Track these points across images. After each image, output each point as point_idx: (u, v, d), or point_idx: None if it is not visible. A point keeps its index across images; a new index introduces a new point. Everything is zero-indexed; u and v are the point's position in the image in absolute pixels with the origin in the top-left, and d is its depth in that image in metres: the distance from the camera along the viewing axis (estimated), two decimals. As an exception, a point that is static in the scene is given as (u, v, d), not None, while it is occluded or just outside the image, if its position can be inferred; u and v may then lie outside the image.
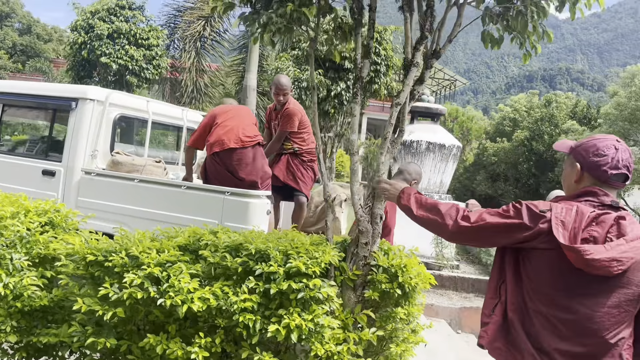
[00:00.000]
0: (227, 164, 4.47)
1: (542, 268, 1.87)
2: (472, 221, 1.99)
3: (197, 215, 4.26)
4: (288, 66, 9.89)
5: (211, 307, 2.39)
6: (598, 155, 1.95)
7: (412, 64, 2.64)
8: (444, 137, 11.03)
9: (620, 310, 1.81)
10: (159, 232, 2.85)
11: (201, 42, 13.53)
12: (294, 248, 2.50)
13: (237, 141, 4.45)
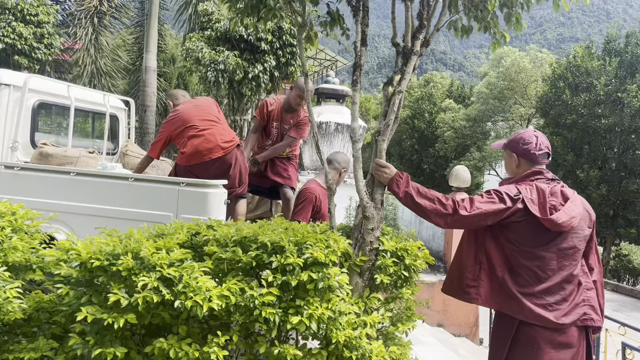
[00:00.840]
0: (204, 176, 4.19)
1: (521, 234, 2.49)
2: (469, 210, 2.47)
3: (148, 209, 4.02)
4: (201, 47, 9.47)
5: (229, 305, 2.31)
6: (526, 144, 2.67)
7: (412, 52, 2.70)
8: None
9: (574, 250, 2.51)
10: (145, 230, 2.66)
11: (98, 17, 12.41)
12: (305, 238, 2.48)
13: (217, 150, 4.19)
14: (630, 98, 16.47)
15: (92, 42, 12.39)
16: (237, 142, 4.34)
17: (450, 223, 2.49)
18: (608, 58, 17.62)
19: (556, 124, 18.84)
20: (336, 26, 3.16)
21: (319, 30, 3.25)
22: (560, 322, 2.43)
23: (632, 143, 17.07)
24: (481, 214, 2.45)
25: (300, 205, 4.16)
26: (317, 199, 4.18)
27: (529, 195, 2.51)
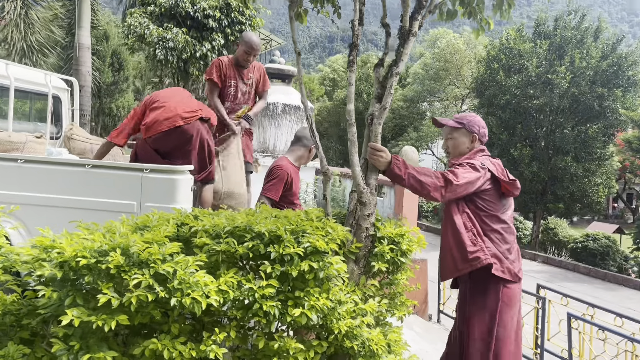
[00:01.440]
0: (161, 149, 3.96)
1: (489, 200, 2.90)
2: (458, 180, 2.75)
3: (109, 198, 3.74)
4: (146, 24, 8.92)
5: (227, 300, 2.17)
6: (483, 127, 3.12)
7: (411, 33, 2.62)
8: (297, 98, 11.18)
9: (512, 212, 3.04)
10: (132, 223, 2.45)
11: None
12: (302, 226, 2.37)
13: (176, 119, 3.88)
14: (559, 79, 17.29)
15: (21, 16, 11.37)
16: (201, 115, 4.02)
17: (445, 195, 2.74)
18: (539, 41, 18.38)
19: (490, 104, 19.52)
20: (328, 3, 3.01)
21: (309, 8, 3.09)
22: (520, 275, 2.91)
23: (560, 122, 17.99)
24: (468, 182, 2.78)
25: (272, 182, 4.01)
26: (289, 177, 4.07)
27: (492, 166, 2.93)
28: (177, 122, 3.89)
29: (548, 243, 19.11)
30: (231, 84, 4.64)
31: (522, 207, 19.73)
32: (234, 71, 4.62)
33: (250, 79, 4.66)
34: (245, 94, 4.68)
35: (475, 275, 2.86)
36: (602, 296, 12.28)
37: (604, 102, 17.36)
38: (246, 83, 4.65)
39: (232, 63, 4.64)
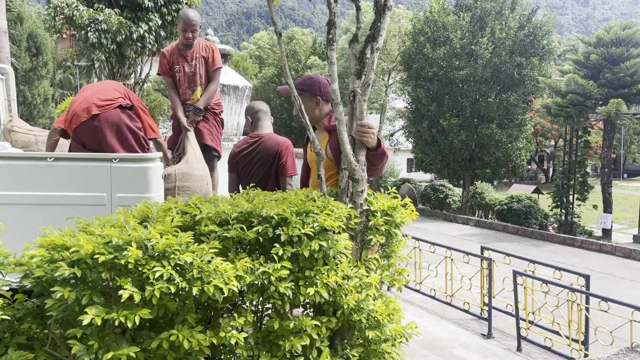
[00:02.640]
0: (85, 141, 3.84)
1: None
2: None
3: (75, 191, 3.58)
4: (75, 5, 8.34)
5: (243, 284, 2.19)
6: (325, 87, 3.10)
7: (386, 7, 2.67)
8: (235, 78, 11.02)
9: None
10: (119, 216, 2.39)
11: None
12: (307, 207, 2.41)
13: (92, 109, 3.80)
14: (482, 50, 18.05)
15: None
16: (120, 103, 3.91)
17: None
18: (461, 13, 19.03)
19: (418, 77, 20.09)
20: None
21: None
22: None
23: (484, 92, 18.85)
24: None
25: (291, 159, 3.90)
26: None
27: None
28: (93, 111, 3.82)
29: (476, 207, 20.19)
30: (177, 69, 4.50)
31: (452, 174, 20.64)
32: (178, 55, 4.47)
33: (196, 58, 4.47)
34: (192, 75, 4.51)
35: None
36: (531, 253, 13.19)
37: (522, 71, 18.35)
38: (191, 64, 4.48)
39: (177, 47, 4.51)
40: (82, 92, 3.98)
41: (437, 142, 19.82)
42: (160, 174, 3.84)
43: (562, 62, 36.01)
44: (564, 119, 16.12)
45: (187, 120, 4.37)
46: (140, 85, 9.96)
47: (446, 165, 20.32)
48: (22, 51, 16.13)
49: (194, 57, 4.48)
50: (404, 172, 39.67)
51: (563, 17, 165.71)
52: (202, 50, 4.51)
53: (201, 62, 4.52)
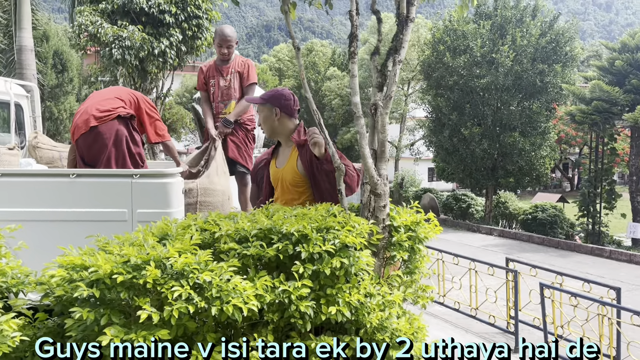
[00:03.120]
0: (84, 154, 3.86)
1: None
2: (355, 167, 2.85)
3: (97, 207, 3.60)
4: (100, 23, 8.50)
5: (263, 303, 2.15)
6: (287, 100, 3.08)
7: (409, 19, 2.63)
8: (255, 91, 10.96)
9: None
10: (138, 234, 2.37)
11: None
12: (328, 223, 2.37)
13: (91, 121, 3.79)
14: (503, 58, 17.86)
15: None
16: (120, 113, 3.86)
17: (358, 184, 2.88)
18: (481, 21, 18.88)
19: (438, 86, 19.95)
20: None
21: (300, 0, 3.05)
22: None
23: (506, 100, 18.61)
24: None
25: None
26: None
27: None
28: (91, 123, 3.81)
29: (500, 217, 19.86)
30: (212, 83, 4.55)
31: (475, 184, 20.37)
32: (215, 70, 4.54)
33: (231, 73, 4.52)
34: (226, 90, 4.54)
35: None
36: (558, 263, 12.90)
37: (545, 78, 18.09)
38: (226, 78, 4.52)
39: (215, 62, 4.58)
40: (85, 102, 4.00)
41: (459, 151, 19.61)
42: (181, 189, 3.84)
43: (586, 68, 35.48)
44: (589, 126, 15.79)
45: (216, 131, 4.39)
46: (162, 99, 10.07)
47: (468, 175, 20.07)
48: (48, 68, 16.51)
49: (230, 72, 4.55)
50: (425, 181, 39.38)
51: (585, 22, 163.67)
52: (238, 65, 4.59)
53: (236, 77, 4.58)
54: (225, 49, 4.42)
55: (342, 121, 31.28)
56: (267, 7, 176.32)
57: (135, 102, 4.04)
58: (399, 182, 22.89)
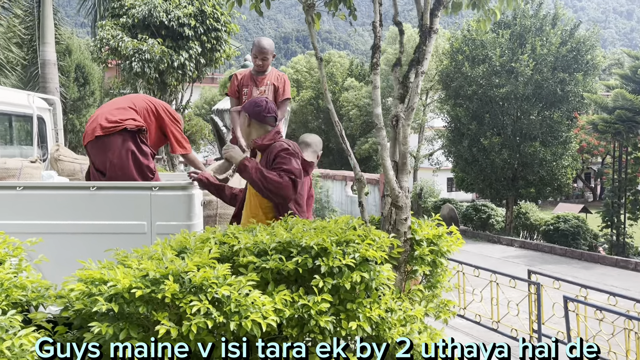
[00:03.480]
0: (94, 160, 3.91)
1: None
2: (298, 174, 2.90)
3: (116, 219, 3.61)
4: (120, 36, 8.65)
5: (282, 318, 2.12)
6: (257, 106, 3.14)
7: (432, 30, 2.60)
8: (273, 102, 11.05)
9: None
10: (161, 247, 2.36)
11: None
12: (347, 236, 2.33)
13: (97, 129, 3.79)
14: (522, 67, 17.68)
15: (-21, 36, 10.88)
16: (127, 125, 3.82)
17: (294, 194, 2.94)
18: (500, 31, 18.75)
19: (457, 96, 19.81)
20: (344, 5, 2.97)
21: (324, 11, 3.05)
22: None
23: (526, 109, 18.41)
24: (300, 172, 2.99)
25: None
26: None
27: (295, 148, 3.08)
28: (96, 133, 3.82)
29: (521, 227, 19.56)
30: (245, 91, 4.55)
31: (495, 194, 20.13)
32: (249, 79, 4.56)
33: (266, 85, 4.54)
34: None
35: None
36: (581, 275, 12.63)
37: (566, 87, 17.85)
38: (260, 89, 4.53)
39: (250, 72, 4.61)
40: (99, 109, 4.05)
41: (478, 161, 19.40)
42: (200, 202, 3.84)
43: (607, 76, 34.97)
44: (612, 135, 15.51)
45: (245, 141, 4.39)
46: (182, 111, 10.17)
47: (488, 185, 19.83)
48: (70, 81, 16.83)
49: (264, 84, 4.58)
50: (445, 191, 39.04)
51: (606, 30, 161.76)
52: (274, 78, 4.62)
53: (270, 90, 4.61)
54: (260, 60, 4.46)
55: (360, 132, 31.24)
56: (285, 19, 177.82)
57: (153, 110, 4.03)
58: (418, 192, 22.71)
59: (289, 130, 34.95)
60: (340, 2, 3.01)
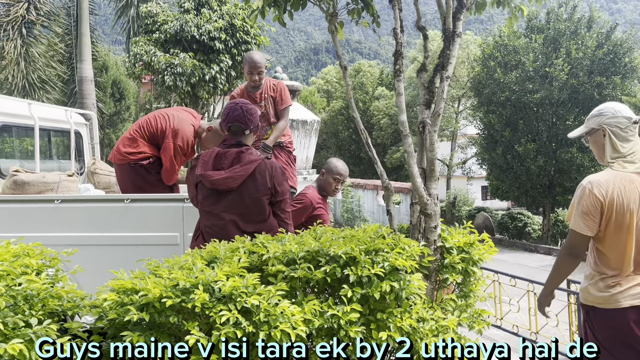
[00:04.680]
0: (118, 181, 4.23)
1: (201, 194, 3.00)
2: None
3: (150, 231, 3.68)
4: (153, 52, 8.89)
5: (312, 328, 2.10)
6: (223, 115, 3.08)
7: (455, 34, 2.58)
8: (304, 113, 11.20)
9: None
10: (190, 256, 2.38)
11: (27, 28, 11.32)
12: (377, 245, 2.31)
13: (113, 154, 4.02)
14: (557, 72, 17.32)
15: (22, 55, 11.33)
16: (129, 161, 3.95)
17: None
18: (533, 35, 18.44)
19: (490, 102, 19.53)
20: (367, 13, 2.98)
21: (346, 19, 3.06)
22: None
23: (561, 115, 18.00)
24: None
25: (296, 207, 3.76)
26: (312, 206, 3.87)
27: (204, 157, 3.02)
28: (111, 157, 4.02)
29: (559, 236, 19.06)
30: None
31: (531, 202, 19.68)
32: (247, 98, 4.44)
33: (265, 99, 4.47)
34: (261, 117, 4.47)
35: None
36: (624, 285, 12.16)
37: (603, 91, 17.39)
38: (261, 105, 4.46)
39: (245, 90, 4.51)
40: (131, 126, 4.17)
41: (513, 169, 19.03)
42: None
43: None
44: (653, 139, 15.00)
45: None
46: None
47: (524, 193, 19.41)
48: (107, 97, 17.33)
49: (263, 98, 4.50)
50: (479, 200, 38.39)
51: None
52: (270, 90, 4.52)
53: (270, 102, 4.53)
54: (256, 76, 4.32)
55: (390, 140, 31.10)
56: (315, 31, 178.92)
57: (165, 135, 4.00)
58: (451, 201, 22.41)
59: (320, 140, 35.10)
60: (363, 10, 3.00)
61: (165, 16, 9.43)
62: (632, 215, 2.29)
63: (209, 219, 2.96)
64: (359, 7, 2.98)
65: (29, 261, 2.17)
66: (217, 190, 2.91)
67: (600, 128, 2.41)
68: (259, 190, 2.93)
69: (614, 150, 2.35)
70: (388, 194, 2.53)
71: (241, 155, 2.95)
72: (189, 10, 9.21)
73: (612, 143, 2.34)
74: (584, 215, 2.30)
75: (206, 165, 2.96)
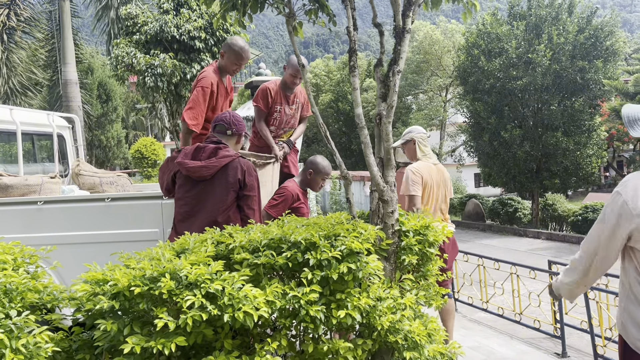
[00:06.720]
0: None
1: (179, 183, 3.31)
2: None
3: (131, 228, 3.83)
4: (134, 53, 8.99)
5: (274, 309, 2.26)
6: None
7: (405, 30, 2.73)
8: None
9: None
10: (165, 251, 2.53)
11: (8, 34, 11.37)
12: (335, 230, 2.46)
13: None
14: (540, 58, 17.50)
15: (2, 61, 11.37)
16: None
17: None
18: (515, 22, 18.60)
19: (475, 90, 19.70)
20: (322, 12, 3.12)
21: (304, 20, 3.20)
22: None
23: (546, 100, 18.19)
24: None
25: (278, 201, 4.06)
26: (293, 199, 4.07)
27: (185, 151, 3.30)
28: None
29: (548, 219, 19.31)
30: (277, 108, 4.58)
31: (519, 187, 19.91)
32: (282, 96, 4.57)
33: (296, 103, 4.65)
34: (290, 118, 4.66)
35: None
36: (610, 265, 12.39)
37: (586, 75, 17.59)
38: (292, 107, 4.64)
39: (280, 88, 4.58)
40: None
41: (500, 155, 19.25)
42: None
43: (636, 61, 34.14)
44: (636, 121, 15.20)
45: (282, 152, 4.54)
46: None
47: (512, 178, 19.64)
48: (94, 99, 17.39)
49: (294, 102, 4.66)
50: (472, 187, 38.66)
51: (632, 14, 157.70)
52: (301, 96, 4.71)
53: (299, 107, 4.72)
54: (298, 80, 4.51)
55: (381, 132, 31.27)
56: (305, 24, 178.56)
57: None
58: (442, 189, 22.60)
59: (311, 133, 35.27)
60: (319, 11, 3.14)
61: (145, 17, 9.52)
62: None
63: (181, 205, 3.22)
64: (315, 8, 3.12)
65: (6, 257, 2.31)
66: (191, 178, 3.19)
67: None
68: (229, 182, 3.16)
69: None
70: (347, 183, 2.68)
71: (218, 150, 3.23)
72: (168, 10, 9.33)
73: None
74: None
75: (186, 157, 3.23)
